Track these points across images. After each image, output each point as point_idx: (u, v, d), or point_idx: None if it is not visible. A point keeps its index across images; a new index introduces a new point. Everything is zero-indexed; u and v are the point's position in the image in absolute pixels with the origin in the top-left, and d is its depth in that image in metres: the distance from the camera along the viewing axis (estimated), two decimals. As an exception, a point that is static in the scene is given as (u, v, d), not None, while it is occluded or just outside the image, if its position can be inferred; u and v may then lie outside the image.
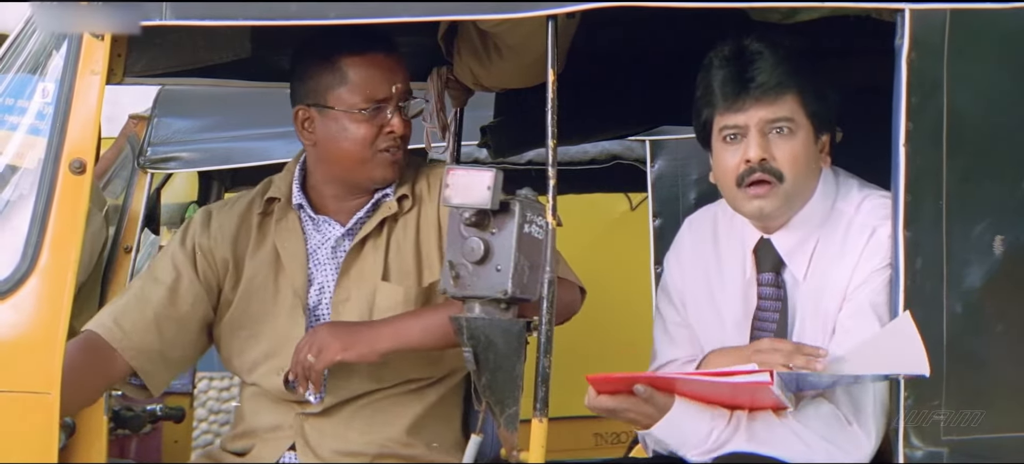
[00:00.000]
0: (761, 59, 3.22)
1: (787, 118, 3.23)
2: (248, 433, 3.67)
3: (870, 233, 3.22)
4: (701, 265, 3.44)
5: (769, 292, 3.34)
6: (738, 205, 3.30)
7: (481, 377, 3.22)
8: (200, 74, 3.96)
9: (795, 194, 3.26)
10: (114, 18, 3.15)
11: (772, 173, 3.23)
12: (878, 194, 3.27)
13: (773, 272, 3.33)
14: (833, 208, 3.30)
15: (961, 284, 3.10)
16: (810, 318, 3.28)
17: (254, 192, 3.75)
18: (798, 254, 3.30)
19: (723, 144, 3.27)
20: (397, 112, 3.57)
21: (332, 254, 3.64)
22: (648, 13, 3.14)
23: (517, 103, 4.22)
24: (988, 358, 3.14)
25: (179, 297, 3.60)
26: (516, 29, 3.54)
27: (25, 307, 3.09)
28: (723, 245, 3.42)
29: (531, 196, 3.26)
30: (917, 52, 3.08)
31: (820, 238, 3.29)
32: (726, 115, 3.24)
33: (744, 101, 3.22)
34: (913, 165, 3.08)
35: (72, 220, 3.10)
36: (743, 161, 3.23)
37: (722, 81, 3.25)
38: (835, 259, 3.26)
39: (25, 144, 3.19)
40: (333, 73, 3.56)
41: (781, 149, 3.23)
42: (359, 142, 3.56)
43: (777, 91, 3.22)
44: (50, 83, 3.17)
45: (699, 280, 3.44)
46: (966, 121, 3.11)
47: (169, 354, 3.59)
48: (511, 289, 3.16)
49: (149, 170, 4.81)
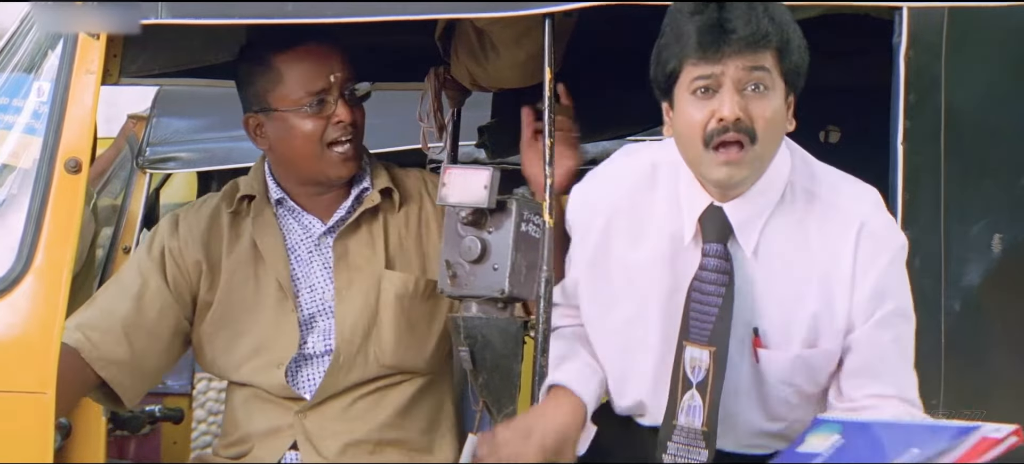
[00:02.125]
0: (739, 8, 2.95)
1: (765, 72, 2.95)
2: (243, 439, 3.63)
3: (859, 224, 2.99)
4: (626, 212, 3.14)
5: (715, 264, 3.04)
6: (701, 167, 3.00)
7: (478, 376, 3.21)
8: (197, 74, 3.95)
9: (765, 157, 3.00)
10: (111, 18, 3.15)
11: (746, 132, 2.94)
12: (850, 178, 3.08)
13: (720, 243, 3.05)
14: (789, 181, 3.04)
15: (959, 282, 3.09)
16: (766, 299, 3.03)
17: (220, 194, 3.70)
18: (749, 227, 3.04)
19: (691, 97, 2.97)
20: (341, 100, 3.52)
21: (316, 249, 3.61)
22: (648, 12, 3.14)
23: (515, 103, 4.21)
24: (987, 356, 3.13)
25: (145, 305, 3.54)
26: (513, 28, 3.53)
27: (20, 307, 3.09)
28: (657, 200, 3.12)
29: (528, 195, 3.25)
30: (915, 49, 3.07)
31: (774, 212, 3.04)
32: (699, 65, 2.94)
33: (721, 52, 2.93)
34: (911, 163, 3.08)
35: (67, 219, 3.10)
36: (715, 119, 2.94)
37: (698, 29, 2.94)
38: (798, 240, 3.02)
39: (21, 144, 3.18)
40: (269, 74, 3.53)
41: (757, 107, 2.95)
42: (308, 138, 3.52)
43: (758, 44, 2.94)
44: (46, 82, 3.16)
45: (619, 230, 3.14)
46: (964, 119, 3.11)
47: (141, 365, 3.54)
48: (508, 288, 3.16)
49: (148, 170, 4.81)
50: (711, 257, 3.05)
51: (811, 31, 4.12)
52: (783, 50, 2.97)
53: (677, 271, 3.07)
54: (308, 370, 3.59)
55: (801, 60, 3.00)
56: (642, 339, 3.11)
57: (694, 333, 3.02)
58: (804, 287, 3.02)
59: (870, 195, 3.04)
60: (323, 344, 3.58)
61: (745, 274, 3.03)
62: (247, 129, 3.60)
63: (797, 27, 2.99)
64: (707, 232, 3.05)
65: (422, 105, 3.95)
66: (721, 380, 2.99)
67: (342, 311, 3.56)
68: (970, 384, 3.12)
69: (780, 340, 3.04)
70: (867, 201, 3.03)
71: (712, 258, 3.05)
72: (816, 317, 3.02)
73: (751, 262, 3.04)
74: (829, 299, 3.01)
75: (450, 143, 4.09)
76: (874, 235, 2.99)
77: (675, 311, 3.05)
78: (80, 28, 3.13)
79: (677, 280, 3.06)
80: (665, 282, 3.08)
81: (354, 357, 3.55)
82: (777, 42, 2.96)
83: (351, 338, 3.55)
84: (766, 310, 3.04)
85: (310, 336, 3.58)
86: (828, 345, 3.03)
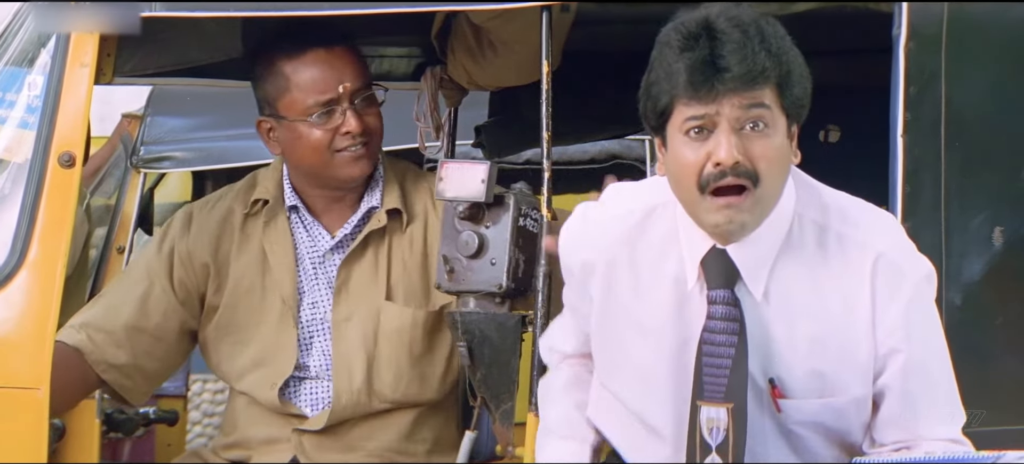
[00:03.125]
0: (732, 42, 2.66)
1: (764, 109, 2.69)
2: (242, 443, 3.62)
3: (875, 256, 2.74)
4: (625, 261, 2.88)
5: (723, 311, 2.78)
6: (698, 212, 2.74)
7: (476, 372, 3.20)
8: (191, 74, 3.93)
9: (770, 200, 2.74)
10: (109, 17, 3.14)
11: (747, 175, 2.68)
12: (863, 205, 2.85)
13: (727, 288, 2.78)
14: (795, 213, 2.79)
15: (960, 276, 3.07)
16: (781, 346, 2.78)
17: (237, 189, 3.66)
18: (757, 268, 2.77)
19: (684, 138, 2.70)
20: (351, 110, 3.45)
21: (321, 265, 3.57)
22: (647, 11, 3.13)
23: (512, 102, 4.20)
24: (988, 351, 3.11)
25: (150, 309, 3.52)
26: (510, 24, 3.51)
27: (14, 302, 3.08)
28: (656, 243, 2.86)
29: (526, 190, 3.24)
30: (915, 42, 3.06)
31: (782, 250, 2.78)
32: (692, 105, 2.68)
33: (715, 91, 2.66)
34: (911, 156, 3.06)
35: (61, 214, 3.09)
36: (712, 163, 2.68)
37: (688, 67, 2.67)
38: (811, 278, 2.78)
39: (14, 138, 3.17)
40: (276, 80, 3.47)
41: (757, 147, 2.69)
42: (315, 148, 3.46)
43: (755, 81, 2.67)
44: (39, 76, 3.15)
45: (621, 274, 2.88)
46: (964, 112, 3.09)
47: (145, 366, 3.53)
48: (506, 283, 3.15)
49: (142, 170, 4.78)
50: (718, 304, 2.79)
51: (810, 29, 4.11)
52: (783, 84, 2.71)
53: (685, 321, 2.81)
54: (309, 386, 3.56)
55: (804, 92, 2.75)
56: (655, 399, 2.86)
57: (709, 391, 2.76)
58: (822, 329, 2.77)
59: (885, 222, 2.83)
60: (324, 365, 3.54)
61: (756, 320, 2.78)
62: (260, 132, 3.56)
63: (798, 55, 2.75)
64: (711, 277, 2.79)
65: (419, 105, 3.94)
66: (743, 439, 2.74)
67: (339, 349, 3.51)
68: (972, 380, 3.08)
69: (801, 389, 2.79)
70: (882, 230, 2.80)
71: (719, 305, 2.79)
72: (839, 361, 2.78)
73: (762, 306, 2.78)
74: (850, 341, 2.77)
75: (447, 142, 4.07)
76: (892, 267, 2.75)
77: (687, 366, 2.79)
78: (78, 28, 3.13)
79: (685, 331, 2.81)
80: (674, 334, 2.82)
81: (355, 397, 3.50)
82: (776, 76, 2.69)
83: (350, 383, 3.50)
84: (782, 357, 2.78)
85: (309, 356, 3.55)
86: (856, 392, 2.78)
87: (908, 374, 2.76)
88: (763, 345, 2.78)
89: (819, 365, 2.78)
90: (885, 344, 2.76)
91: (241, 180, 3.69)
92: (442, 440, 3.60)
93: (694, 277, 2.80)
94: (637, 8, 3.73)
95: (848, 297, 2.76)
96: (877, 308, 2.75)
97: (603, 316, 2.88)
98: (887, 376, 2.77)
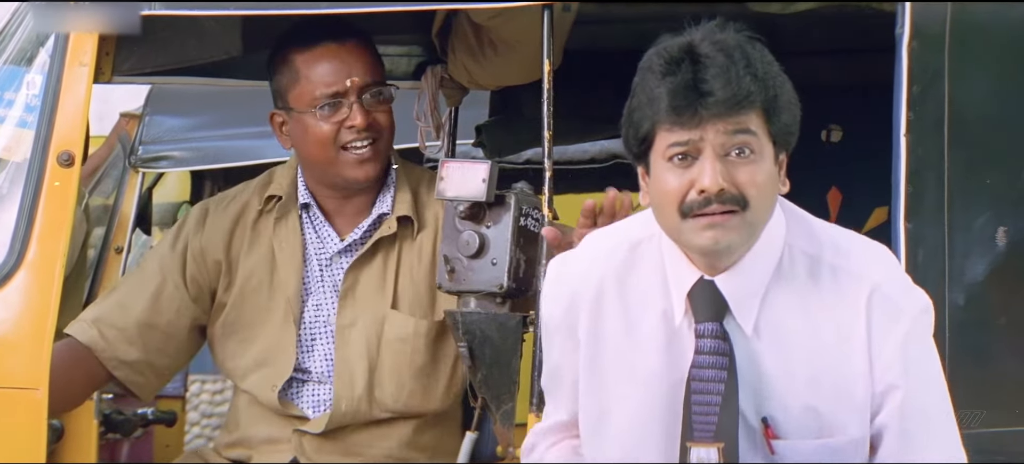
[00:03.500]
0: (716, 66, 2.58)
1: (750, 136, 2.60)
2: (243, 442, 3.61)
3: (870, 289, 2.64)
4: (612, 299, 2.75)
5: (712, 346, 2.66)
6: (682, 236, 2.63)
7: (476, 373, 3.19)
8: (190, 73, 3.92)
9: (758, 225, 2.63)
10: (108, 16, 3.13)
11: (733, 201, 2.59)
12: (857, 237, 2.75)
13: (715, 321, 2.67)
14: (786, 243, 2.69)
15: (963, 277, 3.06)
16: (773, 383, 2.66)
17: (254, 185, 3.65)
18: (747, 301, 2.66)
19: (667, 164, 2.61)
20: (357, 104, 3.44)
21: (327, 267, 3.55)
22: (649, 11, 3.12)
23: (513, 101, 4.19)
24: (991, 352, 3.10)
25: (162, 305, 3.52)
26: (511, 23, 3.50)
27: (12, 302, 3.07)
28: (643, 278, 2.74)
29: (527, 189, 3.23)
30: (918, 41, 3.04)
31: (773, 282, 2.67)
32: (674, 131, 2.59)
33: (698, 116, 2.57)
34: (914, 155, 3.04)
35: (60, 214, 3.09)
36: (695, 190, 2.59)
37: (670, 91, 2.58)
38: (803, 312, 2.67)
39: (13, 138, 3.17)
40: (288, 72, 3.48)
41: (744, 173, 2.60)
42: (321, 142, 3.45)
43: (740, 106, 2.58)
44: (37, 75, 3.14)
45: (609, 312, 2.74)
46: (968, 111, 3.08)
47: (156, 362, 3.53)
48: (507, 283, 3.15)
49: (140, 169, 4.77)
50: (707, 338, 2.67)
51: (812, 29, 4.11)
52: (770, 110, 2.61)
53: (674, 360, 2.69)
54: (311, 389, 3.54)
55: (792, 118, 2.65)
56: (645, 446, 2.72)
57: (698, 430, 2.64)
58: (816, 366, 2.65)
59: (880, 254, 2.71)
60: (326, 369, 3.53)
61: (747, 355, 2.66)
62: (273, 125, 3.56)
63: (786, 80, 2.65)
64: (699, 310, 2.68)
65: (419, 104, 3.93)
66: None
67: (341, 355, 3.50)
68: (974, 380, 3.08)
69: (796, 428, 2.66)
70: (877, 262, 2.69)
71: (708, 339, 2.67)
72: (835, 400, 2.65)
73: (752, 341, 2.66)
74: (846, 378, 2.65)
75: (448, 142, 4.06)
76: (889, 300, 2.64)
77: (676, 405, 2.67)
78: (77, 28, 3.12)
79: (674, 369, 2.68)
80: (663, 372, 2.69)
81: (355, 405, 3.49)
82: (762, 101, 2.60)
83: (351, 390, 3.49)
84: (776, 395, 2.66)
85: (311, 358, 3.54)
86: (854, 432, 2.65)
87: (906, 413, 2.64)
88: (754, 382, 2.65)
89: (814, 403, 2.65)
90: (882, 381, 2.64)
91: (260, 176, 3.68)
92: (443, 448, 3.58)
93: (681, 311, 2.68)
94: (638, 8, 3.72)
95: (843, 331, 2.65)
96: (873, 343, 2.64)
97: (592, 359, 2.75)
98: (884, 414, 2.65)
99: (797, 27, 3.95)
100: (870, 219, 4.25)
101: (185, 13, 3.20)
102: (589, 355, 2.74)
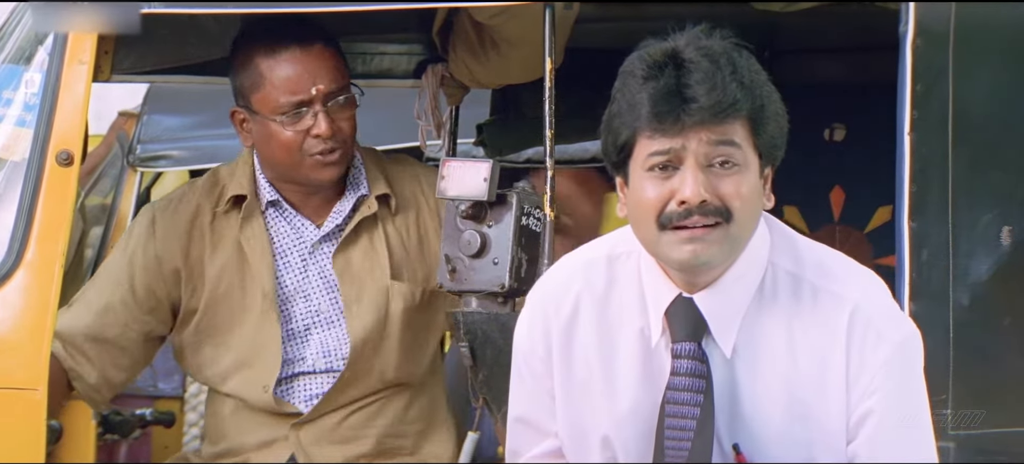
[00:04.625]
0: (700, 71, 2.48)
1: (734, 147, 2.50)
2: (234, 450, 3.56)
3: (851, 308, 2.54)
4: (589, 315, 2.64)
5: (688, 367, 2.55)
6: (660, 249, 2.53)
7: (478, 373, 3.18)
8: (189, 71, 3.91)
9: (741, 240, 2.53)
10: (108, 16, 3.12)
11: (715, 213, 2.49)
12: (842, 258, 2.64)
13: (693, 341, 2.56)
14: (769, 262, 2.59)
15: (968, 276, 3.05)
16: (748, 408, 2.56)
17: (200, 187, 3.56)
18: (726, 321, 2.56)
19: (646, 173, 2.50)
20: (322, 112, 3.38)
21: (310, 256, 3.52)
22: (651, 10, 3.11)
23: (514, 100, 4.18)
24: (995, 351, 3.09)
25: (109, 319, 3.45)
26: (513, 22, 3.49)
27: (12, 302, 3.06)
28: (620, 295, 2.63)
29: (528, 188, 3.22)
30: (922, 39, 3.03)
31: (754, 302, 2.57)
32: (656, 138, 2.48)
33: (681, 123, 2.47)
34: (918, 154, 3.03)
35: (59, 213, 3.07)
36: (675, 201, 2.49)
37: (652, 97, 2.48)
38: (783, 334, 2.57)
39: (12, 136, 3.15)
40: (251, 74, 3.41)
41: (727, 185, 2.49)
42: (285, 148, 3.40)
43: (725, 113, 2.48)
44: (36, 74, 3.13)
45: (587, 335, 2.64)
46: (972, 109, 3.07)
47: (112, 378, 3.47)
48: (509, 282, 3.14)
49: (138, 169, 4.76)
50: (684, 359, 2.56)
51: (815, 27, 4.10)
52: (756, 120, 2.51)
53: (649, 379, 2.59)
54: (305, 383, 3.52)
55: (779, 130, 2.55)
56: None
57: (671, 454, 2.54)
58: (794, 392, 2.56)
59: (865, 277, 2.61)
60: (323, 359, 3.51)
61: (724, 378, 2.56)
62: (233, 121, 3.51)
63: (773, 90, 2.55)
64: (676, 329, 2.57)
65: (420, 103, 3.91)
66: None
67: (354, 326, 3.48)
68: (979, 380, 3.08)
69: (768, 454, 2.57)
70: (861, 284, 2.59)
71: (685, 360, 2.56)
72: (811, 429, 2.56)
73: (730, 363, 2.57)
74: (822, 405, 2.56)
75: (448, 141, 4.05)
76: (869, 323, 2.54)
77: (652, 429, 2.58)
78: (76, 28, 3.11)
79: (653, 389, 2.58)
80: (639, 394, 2.59)
81: (359, 373, 3.48)
82: (748, 110, 2.50)
83: (363, 353, 3.48)
84: (749, 420, 2.56)
85: (306, 349, 3.51)
86: (829, 459, 2.57)
87: (879, 441, 2.54)
88: (729, 406, 2.56)
89: (789, 429, 2.56)
90: (859, 407, 2.55)
91: (200, 178, 3.60)
92: (434, 419, 3.57)
93: (659, 331, 2.58)
94: (639, 7, 3.71)
95: (822, 356, 2.55)
96: (851, 367, 2.54)
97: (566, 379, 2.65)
98: (858, 443, 2.55)
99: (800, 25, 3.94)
100: (873, 218, 4.25)
101: (184, 11, 3.19)
102: (563, 375, 2.64)
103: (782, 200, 2.79)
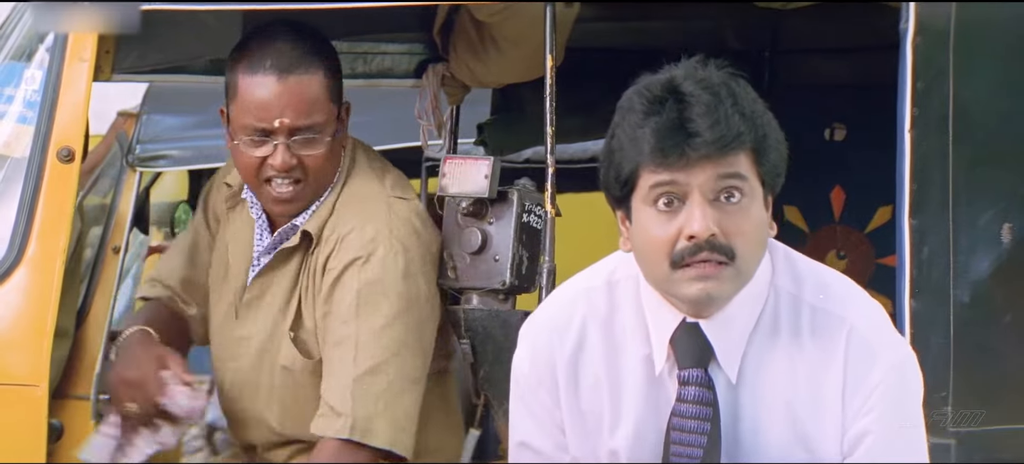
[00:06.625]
0: (701, 104, 2.45)
1: (740, 179, 2.48)
2: None
3: (848, 329, 2.53)
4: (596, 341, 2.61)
5: (695, 394, 2.54)
6: (670, 287, 2.51)
7: (479, 370, 3.19)
8: (190, 70, 3.90)
9: (748, 274, 2.52)
10: (108, 16, 3.12)
11: (722, 251, 2.47)
12: (841, 277, 2.63)
13: (700, 368, 2.55)
14: (771, 285, 2.57)
15: (968, 273, 3.05)
16: (753, 434, 2.54)
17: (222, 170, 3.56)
18: (732, 347, 2.54)
19: (652, 209, 2.48)
20: (282, 146, 3.22)
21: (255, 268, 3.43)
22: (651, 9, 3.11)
23: (515, 99, 4.19)
24: (996, 349, 3.09)
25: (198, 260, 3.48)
26: (514, 21, 3.50)
27: (12, 298, 3.07)
28: (622, 322, 2.61)
29: (529, 186, 3.22)
30: (923, 37, 3.04)
31: (756, 329, 2.56)
32: (659, 172, 2.45)
33: (685, 158, 2.44)
34: (919, 152, 3.03)
35: (60, 209, 3.08)
36: (684, 237, 2.46)
37: (655, 132, 2.44)
38: (785, 359, 2.55)
39: (13, 133, 3.16)
40: (232, 83, 3.29)
41: (733, 222, 2.47)
42: (245, 168, 3.28)
43: (729, 147, 2.45)
44: (37, 71, 3.13)
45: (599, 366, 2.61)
46: (972, 108, 3.07)
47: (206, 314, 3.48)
48: (510, 279, 3.14)
49: (138, 168, 4.75)
50: (690, 386, 2.54)
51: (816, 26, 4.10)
52: (760, 150, 2.49)
53: (655, 407, 2.57)
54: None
55: (780, 158, 2.53)
56: None
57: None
58: (792, 414, 2.55)
59: (863, 298, 2.59)
60: None
61: (728, 405, 2.54)
62: (222, 116, 3.39)
63: (771, 118, 2.53)
64: (682, 356, 2.55)
65: (421, 102, 3.91)
66: None
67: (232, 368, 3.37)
68: (979, 377, 3.08)
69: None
70: (859, 305, 2.57)
71: (692, 387, 2.54)
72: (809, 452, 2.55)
73: (735, 390, 2.55)
74: (820, 428, 2.55)
75: (449, 140, 4.05)
76: (865, 345, 2.52)
77: (655, 454, 2.56)
78: (76, 27, 3.11)
79: (656, 417, 2.56)
80: (643, 420, 2.57)
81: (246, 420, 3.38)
82: (752, 141, 2.48)
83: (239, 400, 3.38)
84: (748, 445, 2.55)
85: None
86: None
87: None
88: (732, 431, 2.54)
89: (790, 454, 2.55)
90: (854, 427, 2.53)
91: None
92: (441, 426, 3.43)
93: (663, 357, 2.56)
94: (640, 7, 3.72)
95: (821, 378, 2.54)
96: (847, 387, 2.53)
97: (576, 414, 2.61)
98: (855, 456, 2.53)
99: (800, 25, 3.95)
100: (874, 218, 4.25)
101: (184, 8, 3.19)
102: (571, 405, 2.61)
103: (782, 200, 2.77)
